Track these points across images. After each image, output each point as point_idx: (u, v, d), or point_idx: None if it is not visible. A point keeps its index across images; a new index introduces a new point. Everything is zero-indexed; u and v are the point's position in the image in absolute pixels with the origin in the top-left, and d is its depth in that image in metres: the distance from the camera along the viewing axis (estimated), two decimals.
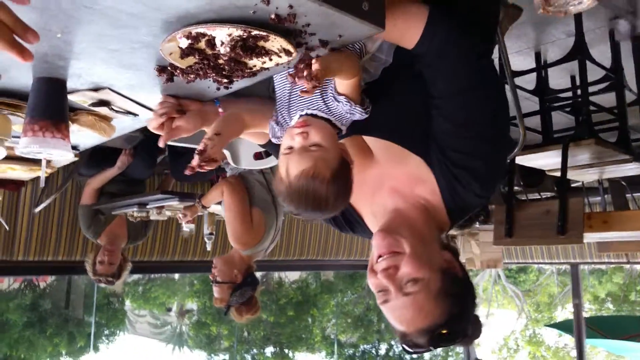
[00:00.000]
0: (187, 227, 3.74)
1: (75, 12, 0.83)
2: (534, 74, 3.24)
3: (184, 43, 0.90)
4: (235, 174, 2.81)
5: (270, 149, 1.50)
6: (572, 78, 3.63)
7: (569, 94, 3.47)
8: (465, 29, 1.11)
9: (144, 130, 1.42)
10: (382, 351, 15.91)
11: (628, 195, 4.25)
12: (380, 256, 1.10)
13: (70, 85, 1.15)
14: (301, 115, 1.21)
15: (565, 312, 15.42)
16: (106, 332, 16.22)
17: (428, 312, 1.06)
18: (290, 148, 1.11)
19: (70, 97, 1.21)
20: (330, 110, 1.18)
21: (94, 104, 1.27)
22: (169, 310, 18.32)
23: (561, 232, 2.37)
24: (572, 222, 2.38)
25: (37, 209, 3.48)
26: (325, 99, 1.18)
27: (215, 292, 2.72)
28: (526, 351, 15.88)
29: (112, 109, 1.31)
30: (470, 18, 1.15)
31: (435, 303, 1.06)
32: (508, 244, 2.86)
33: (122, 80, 1.14)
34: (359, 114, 1.17)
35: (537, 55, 3.34)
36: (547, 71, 3.31)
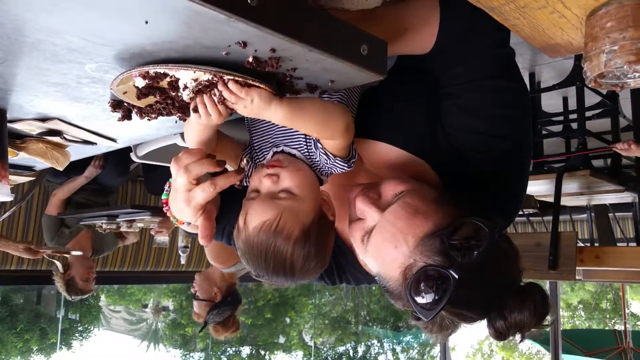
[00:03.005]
0: (160, 239, 3.56)
1: (2, 43, 0.66)
2: None
3: (141, 83, 0.73)
4: None
5: None
6: (565, 100, 3.54)
7: (560, 117, 3.37)
8: (477, 21, 0.95)
9: None
10: (360, 353, 15.82)
11: (610, 214, 4.20)
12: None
13: (12, 114, 0.98)
14: (275, 153, 1.00)
15: None
16: (80, 328, 15.91)
17: (426, 214, 0.84)
18: (257, 192, 0.91)
19: (13, 125, 1.04)
20: (309, 154, 0.98)
21: (43, 133, 1.10)
22: (145, 307, 17.99)
23: (552, 267, 2.25)
24: (564, 257, 2.26)
25: (1, 218, 3.26)
26: (307, 139, 0.98)
27: (195, 307, 2.66)
28: (500, 357, 16.00)
29: (65, 138, 1.14)
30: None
31: (434, 205, 0.86)
32: None
33: (71, 112, 0.96)
34: (339, 168, 0.96)
35: (532, 76, 3.23)
36: (540, 93, 3.21)
